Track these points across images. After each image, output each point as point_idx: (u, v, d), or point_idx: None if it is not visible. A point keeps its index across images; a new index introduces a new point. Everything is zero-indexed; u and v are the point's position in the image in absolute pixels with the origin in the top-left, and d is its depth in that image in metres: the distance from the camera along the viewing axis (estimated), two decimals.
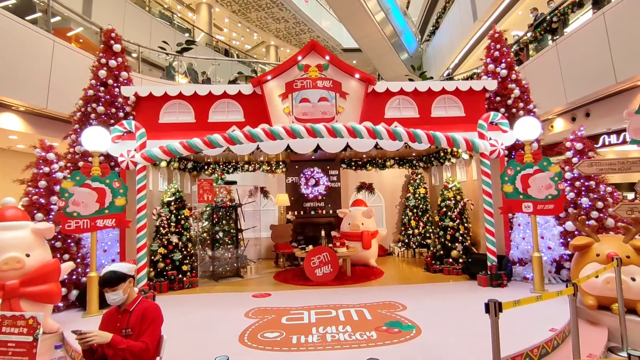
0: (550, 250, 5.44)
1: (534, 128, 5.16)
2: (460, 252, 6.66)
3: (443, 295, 5.29)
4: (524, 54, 10.48)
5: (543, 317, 4.04)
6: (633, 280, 4.00)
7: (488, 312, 2.50)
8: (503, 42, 7.22)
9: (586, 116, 8.90)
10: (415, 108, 6.61)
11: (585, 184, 5.42)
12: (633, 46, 6.86)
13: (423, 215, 8.96)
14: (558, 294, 2.80)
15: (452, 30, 16.13)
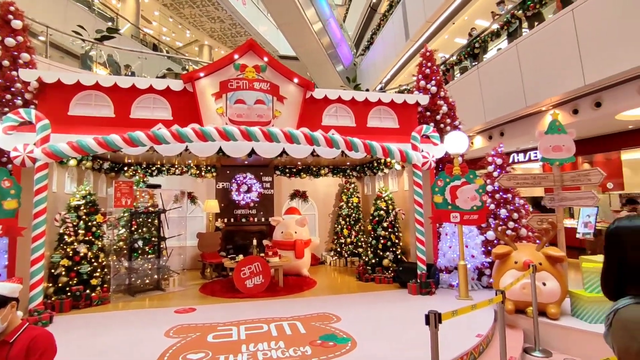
0: (473, 259, 5.78)
1: (463, 142, 5.47)
2: (392, 261, 6.80)
3: (376, 304, 5.30)
4: (450, 75, 11.30)
5: (468, 323, 4.19)
6: (544, 285, 4.36)
7: (428, 324, 2.46)
8: (433, 61, 7.66)
9: (501, 135, 9.81)
10: (352, 117, 6.66)
11: (504, 197, 5.87)
12: (540, 75, 7.73)
13: (355, 224, 9.06)
14: (490, 302, 2.88)
15: (386, 47, 16.92)
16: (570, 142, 5.06)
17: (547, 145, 5.04)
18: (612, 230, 1.25)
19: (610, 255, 1.25)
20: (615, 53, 6.35)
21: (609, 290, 1.25)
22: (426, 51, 7.73)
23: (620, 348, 1.12)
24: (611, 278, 1.24)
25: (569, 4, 7.34)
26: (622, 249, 1.21)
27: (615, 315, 1.17)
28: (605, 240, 1.27)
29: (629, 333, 1.09)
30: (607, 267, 1.27)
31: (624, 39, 6.21)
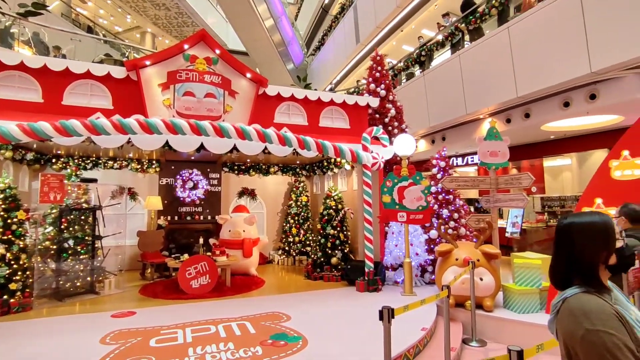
0: (417, 256, 6.06)
1: (410, 145, 5.71)
2: (340, 259, 6.92)
3: (325, 302, 5.35)
4: (397, 80, 11.76)
5: (414, 317, 4.37)
6: (481, 280, 4.70)
7: (382, 319, 2.53)
8: (383, 65, 7.91)
9: (442, 140, 10.41)
10: (305, 116, 6.67)
11: (446, 198, 6.23)
12: (479, 85, 8.32)
13: (304, 223, 9.09)
14: (437, 297, 3.03)
15: (337, 48, 17.16)
16: (505, 149, 5.50)
17: (486, 150, 5.44)
18: (563, 225, 1.35)
19: (560, 248, 1.34)
20: (543, 69, 7.03)
21: (557, 281, 1.35)
22: (377, 55, 7.97)
23: (566, 334, 1.22)
24: (560, 269, 1.34)
25: (506, 22, 7.99)
26: (571, 243, 1.31)
27: (563, 303, 1.27)
28: (555, 235, 1.37)
29: (575, 319, 1.19)
30: (557, 259, 1.36)
31: (550, 57, 6.90)
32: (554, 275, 1.38)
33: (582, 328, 1.17)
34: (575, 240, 1.31)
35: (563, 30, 6.59)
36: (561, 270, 1.35)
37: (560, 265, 1.35)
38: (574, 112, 7.46)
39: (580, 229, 1.31)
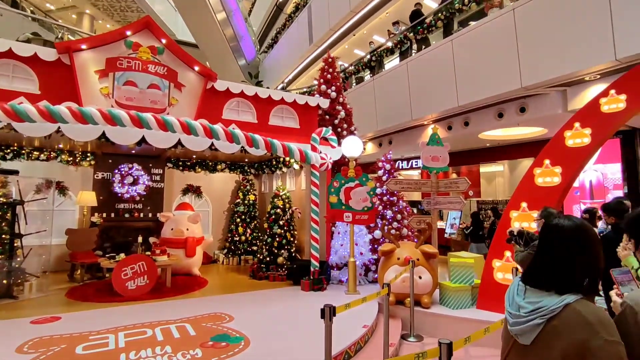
0: (362, 256, 6.22)
1: (358, 147, 5.85)
2: (286, 258, 6.90)
3: (270, 302, 5.30)
4: (348, 83, 11.99)
5: (356, 315, 4.49)
6: (420, 278, 4.93)
7: (323, 318, 2.56)
8: (335, 68, 8.02)
9: (389, 143, 10.79)
10: (254, 113, 6.57)
11: (390, 199, 6.46)
12: (424, 93, 8.75)
13: (251, 222, 8.95)
14: (377, 295, 3.13)
15: (290, 48, 17.12)
16: (446, 154, 5.83)
17: (428, 155, 5.73)
18: (577, 226, 1.34)
19: (569, 249, 1.31)
20: (481, 82, 7.56)
21: (554, 284, 1.31)
22: (329, 57, 8.06)
23: (576, 341, 1.19)
24: (566, 272, 1.30)
25: (450, 35, 8.48)
26: (585, 246, 1.30)
27: (565, 308, 1.24)
28: (562, 234, 1.34)
29: (591, 328, 1.17)
30: (563, 261, 1.32)
31: (488, 71, 7.43)
32: (551, 276, 1.31)
33: (601, 338, 1.15)
34: (593, 245, 1.30)
35: (499, 47, 7.13)
36: (567, 273, 1.29)
37: (568, 267, 1.29)
38: (507, 122, 8.10)
39: (595, 235, 1.32)
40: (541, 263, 1.37)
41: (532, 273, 1.39)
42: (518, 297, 1.38)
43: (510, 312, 1.39)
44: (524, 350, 1.33)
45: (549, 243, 1.38)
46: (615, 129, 4.42)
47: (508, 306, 1.42)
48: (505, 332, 1.46)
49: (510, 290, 1.46)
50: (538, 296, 1.32)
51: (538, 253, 1.41)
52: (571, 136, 4.45)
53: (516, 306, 1.37)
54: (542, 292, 1.32)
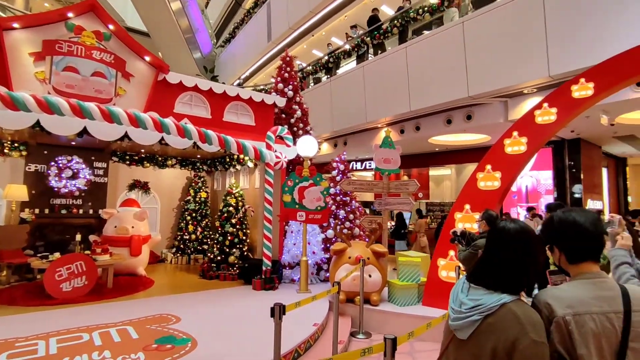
0: (314, 255, 6.27)
1: (313, 146, 5.89)
2: (238, 257, 6.78)
3: (219, 301, 5.18)
4: (305, 82, 12.02)
5: (307, 314, 4.52)
6: (370, 277, 5.06)
7: (273, 316, 2.55)
8: (292, 67, 8.01)
9: (344, 144, 10.98)
10: (208, 108, 6.39)
11: (343, 199, 6.57)
12: (379, 96, 9.00)
13: (202, 220, 8.68)
14: (327, 293, 3.18)
15: (248, 44, 16.83)
16: (397, 156, 6.03)
17: (380, 157, 5.90)
18: (523, 229, 1.41)
19: (517, 251, 1.38)
20: (432, 89, 7.93)
21: (501, 283, 1.37)
22: (287, 56, 8.03)
23: (506, 339, 1.27)
24: (514, 273, 1.37)
25: (405, 42, 8.79)
26: (532, 248, 1.38)
27: (501, 308, 1.31)
28: (510, 237, 1.40)
29: (522, 328, 1.25)
30: (512, 263, 1.38)
31: (438, 79, 7.81)
32: (495, 276, 1.38)
33: (529, 338, 1.22)
34: (537, 247, 1.39)
35: (450, 57, 7.52)
36: (510, 273, 1.37)
37: (511, 268, 1.37)
38: (455, 129, 8.57)
39: (538, 238, 1.41)
40: (488, 263, 1.43)
41: (477, 272, 1.45)
42: (462, 294, 1.45)
43: (453, 308, 1.45)
44: (460, 344, 1.40)
45: (495, 245, 1.43)
46: (547, 138, 4.83)
47: (452, 302, 1.48)
48: (447, 327, 1.52)
49: (456, 287, 1.52)
50: (479, 294, 1.38)
51: (485, 254, 1.47)
52: (510, 144, 4.80)
53: (459, 302, 1.43)
54: (483, 290, 1.39)
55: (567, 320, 1.31)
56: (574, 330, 1.30)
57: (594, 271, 1.43)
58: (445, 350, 1.49)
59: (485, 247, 1.50)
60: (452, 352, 1.45)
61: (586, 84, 4.41)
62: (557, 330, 1.31)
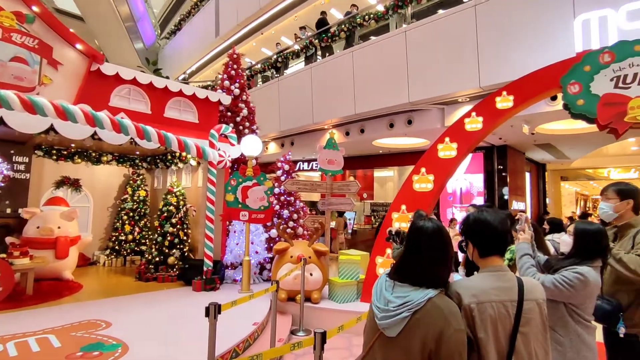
0: (257, 254, 6.25)
1: (257, 146, 5.86)
2: (178, 258, 6.55)
3: (156, 304, 4.98)
4: (253, 81, 11.90)
5: (247, 313, 4.52)
6: (311, 275, 5.16)
7: (208, 316, 2.53)
8: (239, 64, 7.90)
9: (291, 144, 11.02)
10: (148, 103, 6.11)
11: (287, 199, 6.62)
12: (326, 98, 9.17)
13: (140, 219, 8.26)
14: (266, 292, 3.21)
15: (194, 38, 16.25)
16: (340, 158, 6.20)
17: (324, 158, 6.03)
18: (439, 228, 1.53)
19: (436, 249, 1.50)
20: (376, 94, 8.24)
21: (424, 280, 1.47)
22: (234, 53, 7.90)
23: (434, 332, 1.37)
24: (434, 268, 1.49)
25: (351, 46, 9.05)
26: (446, 245, 1.51)
27: (428, 302, 1.41)
28: (431, 235, 1.51)
29: (446, 319, 1.37)
30: (432, 259, 1.49)
31: (382, 84, 8.14)
32: (418, 272, 1.47)
33: (452, 328, 1.35)
34: (449, 244, 1.52)
35: (393, 64, 7.87)
36: (431, 269, 1.48)
37: (432, 264, 1.48)
38: (397, 132, 8.98)
39: (449, 235, 1.55)
40: (409, 260, 1.52)
41: (402, 269, 1.53)
42: (387, 293, 1.50)
43: (378, 306, 1.49)
44: (389, 342, 1.46)
45: (415, 243, 1.53)
46: (474, 145, 5.26)
47: (376, 301, 1.52)
48: (370, 326, 1.55)
49: (378, 285, 1.57)
50: (405, 291, 1.47)
51: (406, 251, 1.56)
52: (442, 149, 5.16)
53: (384, 301, 1.49)
54: (409, 287, 1.48)
55: (472, 307, 1.48)
56: (476, 316, 1.47)
57: (498, 265, 1.63)
58: (370, 350, 1.52)
59: (406, 245, 1.59)
60: (379, 351, 1.49)
61: (507, 97, 4.86)
62: (464, 316, 1.47)
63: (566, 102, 4.35)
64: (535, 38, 6.12)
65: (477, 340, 1.46)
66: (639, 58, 3.97)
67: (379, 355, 1.49)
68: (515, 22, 6.34)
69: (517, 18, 6.33)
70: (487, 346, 1.45)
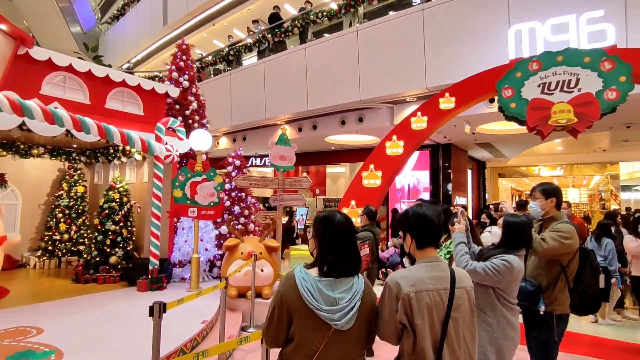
0: (207, 252, 6.11)
1: (207, 140, 5.71)
2: (121, 257, 6.22)
3: (95, 307, 4.70)
4: (204, 73, 11.53)
5: (196, 311, 4.42)
6: (262, 271, 5.15)
7: (152, 316, 2.44)
8: (189, 55, 7.61)
9: (243, 140, 10.85)
10: (86, 93, 5.70)
11: (239, 195, 6.52)
12: (278, 94, 9.13)
13: (78, 217, 7.70)
14: (214, 289, 3.16)
15: (140, 24, 15.35)
16: (292, 154, 6.20)
17: (276, 154, 6.00)
18: (327, 217, 1.69)
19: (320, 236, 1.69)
20: (328, 90, 8.34)
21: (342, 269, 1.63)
22: (183, 43, 7.59)
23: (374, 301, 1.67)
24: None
25: (305, 42, 9.07)
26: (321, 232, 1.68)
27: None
28: (319, 229, 1.69)
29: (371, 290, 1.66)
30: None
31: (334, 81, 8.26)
32: (354, 262, 1.66)
33: (374, 292, 1.71)
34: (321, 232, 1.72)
35: (345, 62, 8.02)
36: (358, 256, 1.69)
37: (357, 251, 1.70)
38: (348, 130, 9.17)
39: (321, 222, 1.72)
40: (336, 253, 1.60)
41: (336, 265, 1.59)
42: (330, 293, 1.54)
43: (324, 308, 1.50)
44: (343, 334, 1.53)
45: (326, 233, 1.66)
46: (420, 142, 5.54)
47: (317, 304, 1.51)
48: (314, 331, 1.54)
49: (307, 290, 1.53)
50: (346, 284, 1.56)
51: (329, 246, 1.63)
52: (390, 146, 5.37)
53: (330, 301, 1.52)
54: (348, 278, 1.58)
55: (411, 296, 1.59)
56: (414, 305, 1.58)
57: (433, 255, 1.75)
58: (323, 349, 1.53)
59: (324, 240, 1.66)
60: (332, 346, 1.54)
61: (450, 98, 5.17)
62: (403, 304, 1.58)
63: (501, 105, 4.72)
64: (476, 44, 6.54)
65: (414, 327, 1.57)
66: (560, 67, 4.40)
67: (334, 350, 1.54)
68: (458, 27, 6.73)
69: (460, 24, 6.72)
70: (424, 332, 1.57)
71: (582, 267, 2.78)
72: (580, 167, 15.90)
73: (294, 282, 1.58)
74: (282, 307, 1.57)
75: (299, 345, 1.57)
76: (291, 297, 1.56)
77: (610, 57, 4.24)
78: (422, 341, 1.56)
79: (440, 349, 1.58)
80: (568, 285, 2.77)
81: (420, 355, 1.57)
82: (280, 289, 1.62)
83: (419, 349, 1.56)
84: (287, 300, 1.57)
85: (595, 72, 4.30)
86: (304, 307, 1.53)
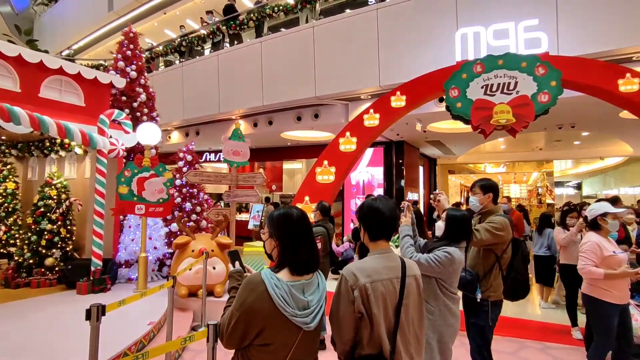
0: (156, 250, 5.85)
1: (155, 134, 5.45)
2: (58, 259, 5.79)
3: (28, 313, 4.34)
4: (154, 64, 10.99)
5: (143, 312, 4.23)
6: (214, 269, 5.03)
7: (89, 319, 2.30)
8: (137, 44, 7.21)
9: (197, 134, 10.50)
10: (17, 80, 5.22)
11: (190, 191, 6.31)
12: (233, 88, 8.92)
13: (9, 216, 7.04)
14: (160, 288, 3.04)
15: (82, 8, 14.29)
16: (246, 149, 6.09)
17: (229, 149, 5.87)
18: (287, 214, 1.61)
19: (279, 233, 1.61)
20: (284, 86, 8.28)
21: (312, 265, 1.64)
22: (130, 31, 7.18)
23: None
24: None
25: (261, 36, 8.93)
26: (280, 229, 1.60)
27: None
28: (278, 227, 1.60)
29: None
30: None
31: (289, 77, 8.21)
32: (314, 259, 1.63)
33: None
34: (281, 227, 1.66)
35: (300, 58, 8.00)
36: (316, 249, 1.67)
37: (315, 244, 1.66)
38: (304, 125, 9.17)
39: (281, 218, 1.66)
40: (305, 251, 1.57)
41: (302, 264, 1.56)
42: (301, 296, 1.51)
43: (299, 313, 1.46)
44: (309, 334, 1.53)
45: (300, 233, 1.58)
46: (372, 139, 5.67)
47: (292, 310, 1.46)
48: (287, 336, 1.50)
49: (282, 298, 1.45)
50: (313, 284, 1.57)
51: (291, 243, 1.57)
52: (343, 142, 5.45)
53: (302, 304, 1.49)
54: (312, 277, 1.59)
55: (367, 287, 1.64)
56: (371, 295, 1.64)
57: (385, 247, 1.82)
58: (293, 350, 1.51)
59: (282, 238, 1.58)
60: (301, 345, 1.52)
61: (400, 96, 5.33)
62: (360, 294, 1.63)
63: (448, 104, 4.95)
64: (427, 44, 6.79)
65: (371, 316, 1.63)
66: (501, 71, 4.70)
67: (302, 348, 1.54)
68: (410, 28, 6.95)
69: (412, 24, 6.94)
70: (379, 320, 1.64)
71: (514, 256, 3.01)
72: (521, 164, 17.13)
73: (264, 291, 1.44)
74: (249, 319, 1.45)
75: (271, 353, 1.50)
76: (263, 308, 1.44)
77: (543, 63, 4.60)
78: (378, 328, 1.63)
79: (394, 334, 1.66)
80: (502, 274, 2.98)
81: (376, 341, 1.64)
82: (248, 300, 1.45)
83: (375, 336, 1.64)
84: (257, 312, 1.44)
85: (530, 76, 4.64)
86: (278, 315, 1.44)
